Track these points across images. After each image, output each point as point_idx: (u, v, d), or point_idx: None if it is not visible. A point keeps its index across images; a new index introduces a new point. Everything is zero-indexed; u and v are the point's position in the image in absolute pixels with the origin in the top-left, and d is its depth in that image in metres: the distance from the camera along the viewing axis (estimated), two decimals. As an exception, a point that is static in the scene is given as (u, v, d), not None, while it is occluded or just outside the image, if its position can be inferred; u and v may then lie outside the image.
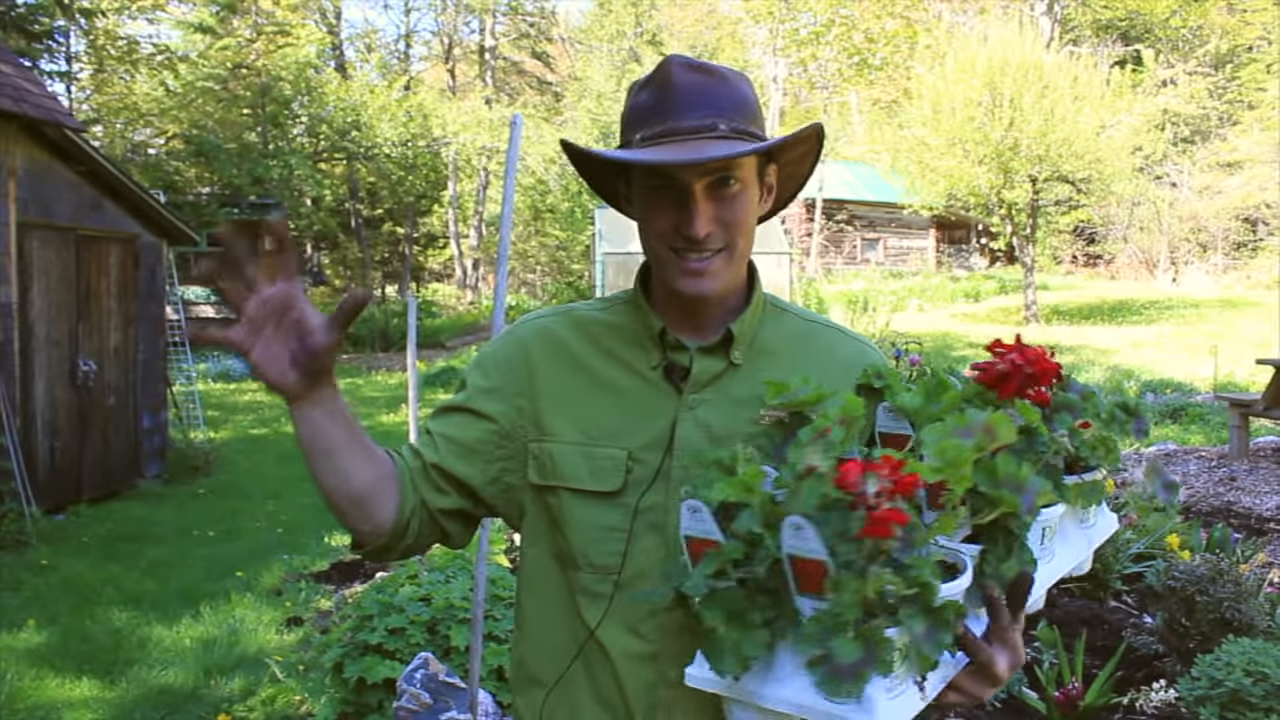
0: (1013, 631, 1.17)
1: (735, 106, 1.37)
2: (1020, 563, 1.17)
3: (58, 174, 8.55)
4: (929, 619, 1.03)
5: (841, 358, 1.48)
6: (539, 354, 1.48)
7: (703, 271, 1.36)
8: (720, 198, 1.35)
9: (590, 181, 1.54)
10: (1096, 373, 15.44)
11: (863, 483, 1.02)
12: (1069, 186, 24.27)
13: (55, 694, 4.92)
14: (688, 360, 1.42)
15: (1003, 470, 1.14)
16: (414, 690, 3.43)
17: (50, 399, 8.53)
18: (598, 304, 1.54)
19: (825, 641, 1.01)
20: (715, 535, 1.12)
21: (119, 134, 21.92)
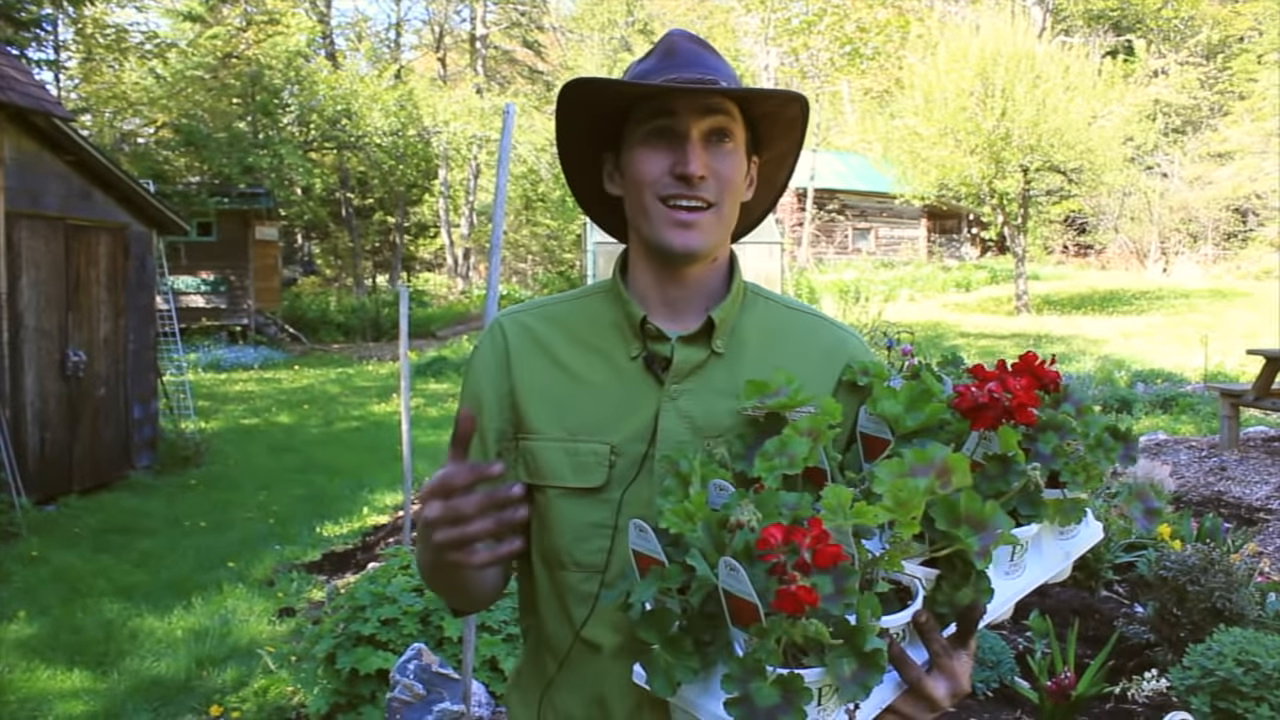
0: (951, 659, 1.17)
1: (731, 76, 1.40)
2: (975, 592, 1.17)
3: (46, 163, 8.50)
4: (858, 661, 1.04)
5: (822, 346, 1.47)
6: (517, 350, 1.46)
7: (692, 223, 1.35)
8: (715, 150, 1.35)
9: (569, 164, 1.51)
10: (1087, 363, 15.46)
11: (782, 552, 1.02)
12: (1060, 176, 24.30)
13: (46, 685, 4.91)
14: (668, 350, 1.40)
15: (965, 507, 1.13)
16: (407, 681, 3.43)
17: (40, 390, 8.49)
18: (575, 295, 1.52)
19: (745, 684, 1.03)
20: (659, 555, 1.15)
21: (108, 123, 21.78)
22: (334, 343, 24.94)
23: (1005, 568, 1.28)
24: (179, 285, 21.78)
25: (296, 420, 13.64)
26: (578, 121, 1.44)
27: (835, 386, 1.44)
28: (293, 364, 20.20)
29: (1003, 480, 1.23)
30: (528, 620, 1.51)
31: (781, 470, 1.20)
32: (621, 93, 1.37)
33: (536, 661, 1.48)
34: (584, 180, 1.52)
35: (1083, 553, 1.40)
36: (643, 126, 1.36)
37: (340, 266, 34.57)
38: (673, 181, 1.34)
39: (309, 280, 34.06)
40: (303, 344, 23.80)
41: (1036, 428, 1.28)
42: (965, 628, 1.18)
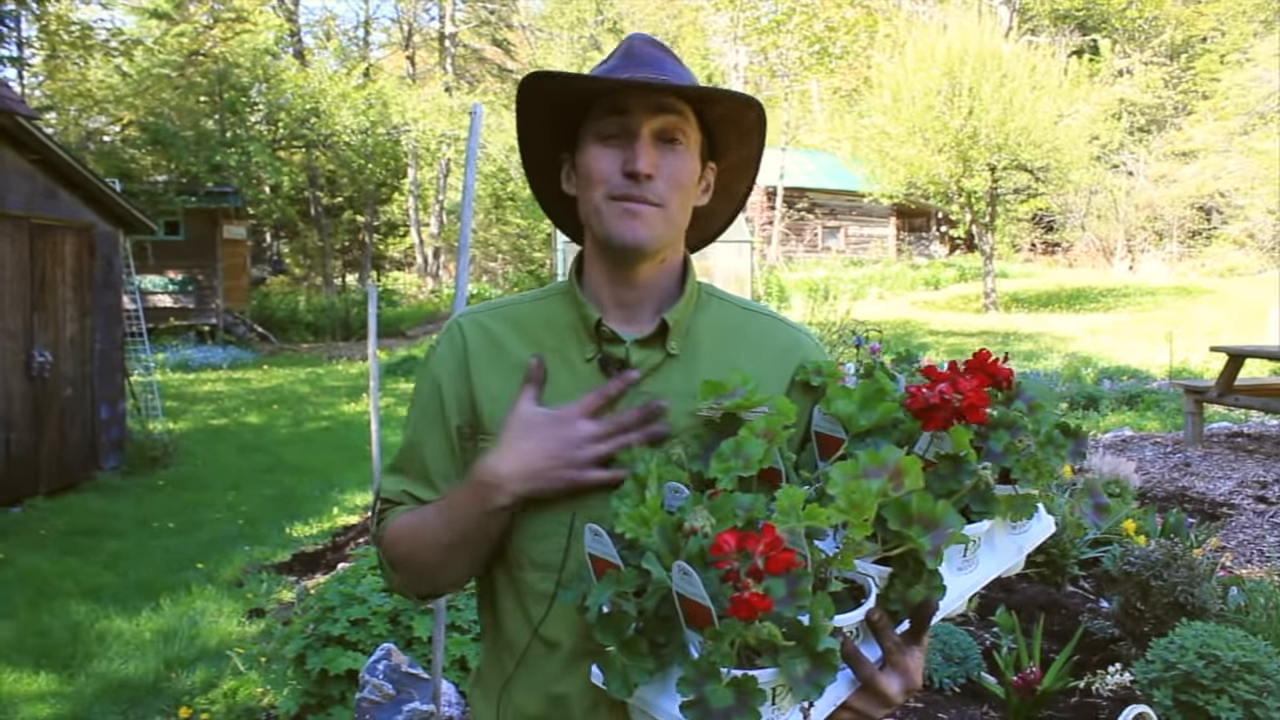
0: (904, 655, 1.20)
1: (689, 80, 1.43)
2: (928, 589, 1.20)
3: (10, 162, 8.42)
4: (811, 661, 1.07)
5: (776, 346, 1.49)
6: (475, 351, 1.48)
7: (639, 214, 1.37)
8: (666, 150, 1.38)
9: (529, 163, 1.54)
10: (1055, 360, 15.61)
11: (735, 559, 1.05)
12: (1027, 175, 24.50)
13: (12, 689, 4.86)
14: (624, 352, 1.42)
15: (917, 507, 1.16)
16: (376, 681, 3.43)
17: (5, 390, 8.41)
18: (533, 296, 1.54)
19: (700, 686, 1.05)
20: (614, 559, 1.17)
21: (73, 121, 21.56)
22: (303, 342, 24.81)
23: (958, 563, 1.30)
24: (146, 285, 21.58)
25: (266, 420, 13.56)
26: (537, 118, 1.47)
27: (789, 386, 1.46)
28: (262, 364, 20.08)
29: (954, 479, 1.26)
30: (486, 617, 1.53)
31: (737, 472, 1.22)
32: (577, 87, 1.40)
33: (495, 659, 1.49)
34: (544, 180, 1.54)
35: (1035, 545, 1.41)
36: (596, 124, 1.38)
37: (309, 265, 34.40)
38: (623, 180, 1.36)
39: (278, 279, 33.86)
40: (272, 343, 23.66)
41: (988, 425, 1.30)
42: (918, 624, 1.21)
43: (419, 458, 1.50)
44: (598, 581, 1.19)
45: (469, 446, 1.46)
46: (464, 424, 1.46)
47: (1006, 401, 1.39)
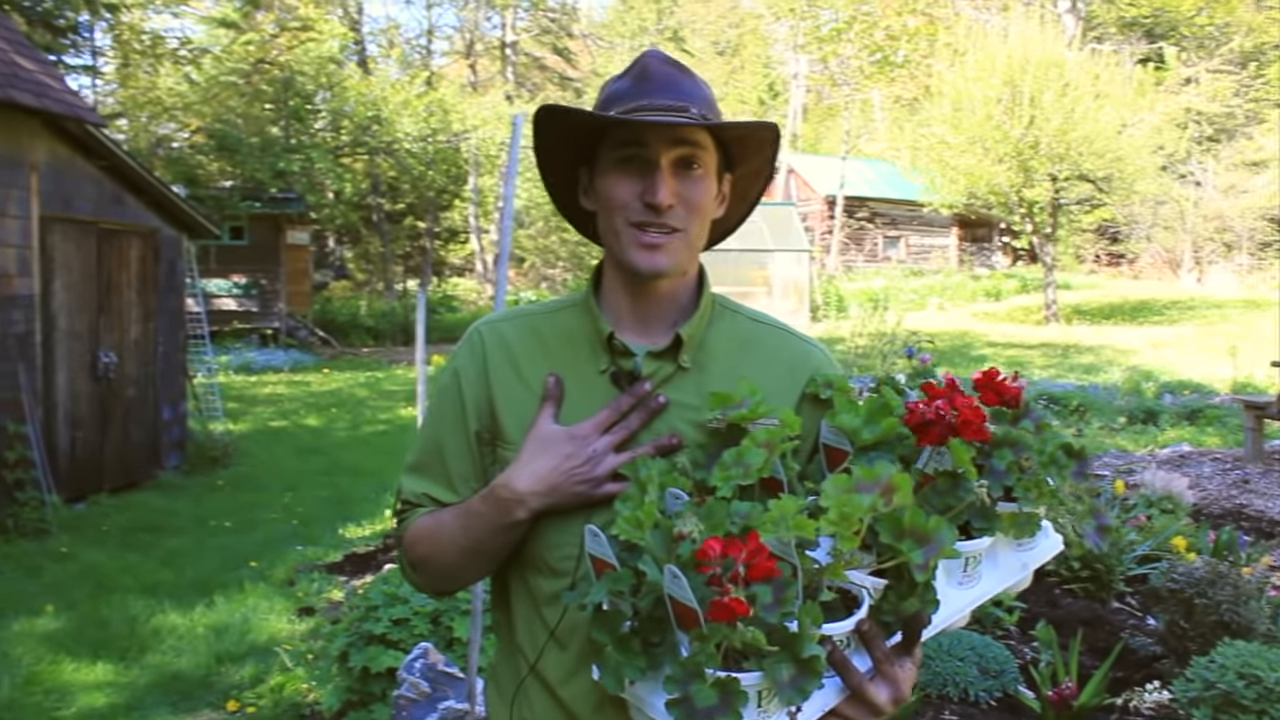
0: (893, 665, 1.23)
1: (704, 99, 1.45)
2: (921, 602, 1.23)
3: (79, 168, 8.67)
4: (796, 667, 1.10)
5: (786, 359, 1.53)
6: (494, 359, 1.52)
7: (659, 246, 1.41)
8: (684, 177, 1.41)
9: (548, 177, 1.58)
10: (1115, 373, 15.39)
11: (718, 564, 1.09)
12: (1090, 185, 24.15)
13: (71, 678, 5.02)
14: (634, 365, 1.46)
15: (909, 522, 1.19)
16: (413, 679, 3.50)
17: (71, 390, 8.65)
18: (551, 306, 1.58)
19: (686, 685, 1.09)
20: (611, 559, 1.22)
21: (144, 128, 22.07)
22: (364, 346, 25.14)
23: (959, 578, 1.33)
24: (211, 288, 22.02)
25: (324, 423, 13.78)
26: (554, 142, 1.50)
27: (799, 398, 1.49)
28: (322, 367, 20.39)
29: (952, 495, 1.28)
30: (500, 616, 1.58)
31: (737, 480, 1.25)
32: (592, 122, 1.44)
33: (510, 658, 1.54)
34: (564, 193, 1.58)
35: (1041, 563, 1.42)
36: (614, 152, 1.42)
37: (371, 271, 34.82)
38: (642, 209, 1.40)
39: (340, 284, 34.34)
40: (333, 347, 24.01)
41: (992, 444, 1.32)
42: (909, 636, 1.24)
43: (440, 461, 1.55)
44: (596, 581, 1.24)
45: (487, 452, 1.51)
46: (483, 429, 1.51)
47: (1014, 420, 1.41)
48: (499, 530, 1.42)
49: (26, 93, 7.63)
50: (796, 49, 35.63)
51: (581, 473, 1.38)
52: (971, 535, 1.30)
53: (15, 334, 7.84)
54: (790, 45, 35.68)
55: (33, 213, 8.03)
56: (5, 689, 4.85)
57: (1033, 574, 1.44)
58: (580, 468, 1.38)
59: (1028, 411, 1.42)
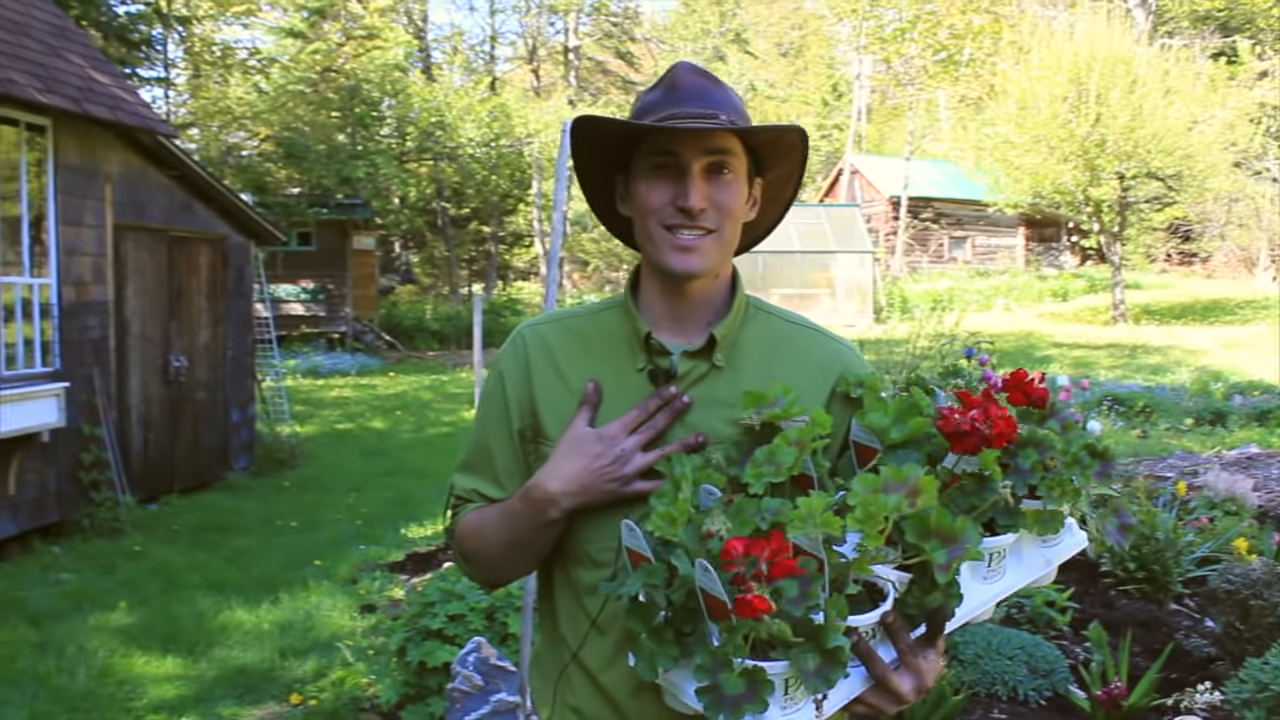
0: (917, 657, 1.28)
1: (733, 107, 1.51)
2: (945, 596, 1.27)
3: (151, 178, 8.93)
4: (821, 657, 1.15)
5: (817, 359, 1.58)
6: (536, 360, 1.60)
7: (692, 248, 1.47)
8: (715, 181, 1.47)
9: (586, 184, 1.65)
10: (1183, 374, 15.14)
11: (741, 563, 1.14)
12: (1159, 183, 23.71)
13: (142, 670, 5.21)
14: (670, 364, 1.52)
15: (936, 522, 1.24)
16: (467, 673, 3.60)
17: (144, 393, 8.92)
18: (592, 309, 1.66)
19: (715, 674, 1.16)
20: (647, 552, 1.28)
21: (214, 137, 22.57)
22: (429, 350, 25.44)
23: (983, 573, 1.37)
24: (280, 293, 22.44)
25: (389, 425, 14.01)
26: (590, 151, 1.58)
27: (829, 397, 1.54)
28: (388, 370, 20.70)
29: (978, 496, 1.32)
30: (544, 607, 1.66)
31: (769, 478, 1.31)
32: (626, 131, 1.51)
33: (553, 646, 1.62)
34: (601, 200, 1.65)
35: (1065, 559, 1.47)
36: (648, 159, 1.49)
37: (436, 275, 35.23)
38: (675, 212, 1.47)
39: (406, 289, 34.78)
40: (398, 351, 24.33)
41: (1017, 443, 1.36)
42: (933, 629, 1.29)
43: (487, 459, 1.63)
44: (632, 573, 1.30)
45: (530, 449, 1.59)
46: (525, 428, 1.59)
47: (1040, 420, 1.46)
48: (536, 528, 1.49)
49: (102, 106, 7.88)
50: (859, 50, 35.40)
51: (610, 472, 1.44)
52: (996, 531, 1.35)
53: (91, 339, 8.09)
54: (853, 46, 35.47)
55: (107, 222, 8.30)
56: (81, 680, 5.04)
57: (1056, 569, 1.48)
58: (609, 467, 1.44)
59: (1054, 411, 1.46)
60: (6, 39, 7.39)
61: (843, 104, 46.57)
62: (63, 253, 7.78)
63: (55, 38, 8.16)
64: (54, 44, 8.04)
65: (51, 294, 7.67)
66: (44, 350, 7.60)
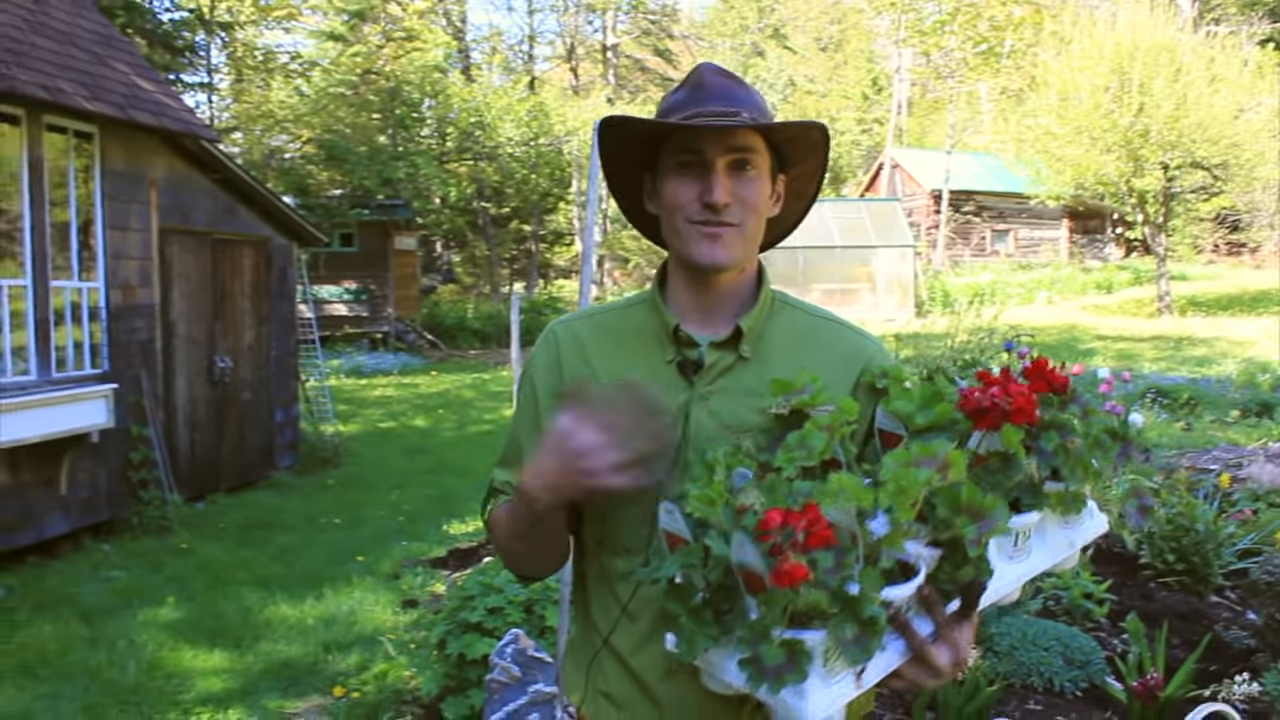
0: (953, 630, 1.30)
1: (756, 106, 1.55)
2: (976, 570, 1.30)
3: (195, 182, 9.09)
4: (858, 626, 1.18)
5: (842, 351, 1.62)
6: (567, 355, 1.66)
7: (718, 238, 1.52)
8: (739, 178, 1.52)
9: (614, 184, 1.71)
10: (1229, 365, 14.94)
11: (778, 533, 1.17)
12: (1205, 173, 23.39)
13: (190, 663, 5.32)
14: (698, 354, 1.57)
15: (966, 498, 1.27)
16: (504, 664, 3.66)
17: (190, 394, 9.07)
18: (620, 304, 1.71)
19: (755, 645, 1.18)
20: (685, 534, 1.31)
21: (257, 140, 22.85)
22: (470, 349, 25.59)
23: (1009, 552, 1.41)
24: (323, 294, 22.69)
25: (431, 424, 14.14)
26: (619, 151, 1.63)
27: (854, 387, 1.58)
28: (430, 369, 20.86)
29: (1004, 474, 1.36)
30: (578, 595, 1.71)
31: (800, 461, 1.35)
32: (652, 130, 1.56)
33: (586, 633, 1.67)
34: (629, 199, 1.71)
35: (1087, 540, 1.52)
36: (673, 157, 1.54)
37: (478, 274, 35.45)
38: (701, 208, 1.51)
39: (448, 288, 35.02)
40: (440, 350, 24.50)
41: (1039, 426, 1.40)
42: (968, 602, 1.31)
43: (518, 451, 1.69)
44: (669, 555, 1.33)
45: None
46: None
47: (1062, 406, 1.49)
48: (532, 522, 1.51)
49: (146, 113, 8.03)
50: (898, 43, 35.21)
51: (576, 467, 1.42)
52: (1021, 511, 1.38)
53: (138, 341, 8.25)
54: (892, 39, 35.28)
55: (152, 225, 8.45)
56: (131, 673, 5.16)
57: (1079, 551, 1.52)
58: (574, 463, 1.42)
59: (1075, 398, 1.49)
60: (55, 49, 7.55)
61: (883, 98, 46.33)
62: (110, 257, 7.94)
63: (102, 46, 8.32)
64: (100, 53, 8.20)
65: (100, 297, 7.84)
66: (93, 353, 7.77)
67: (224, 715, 4.74)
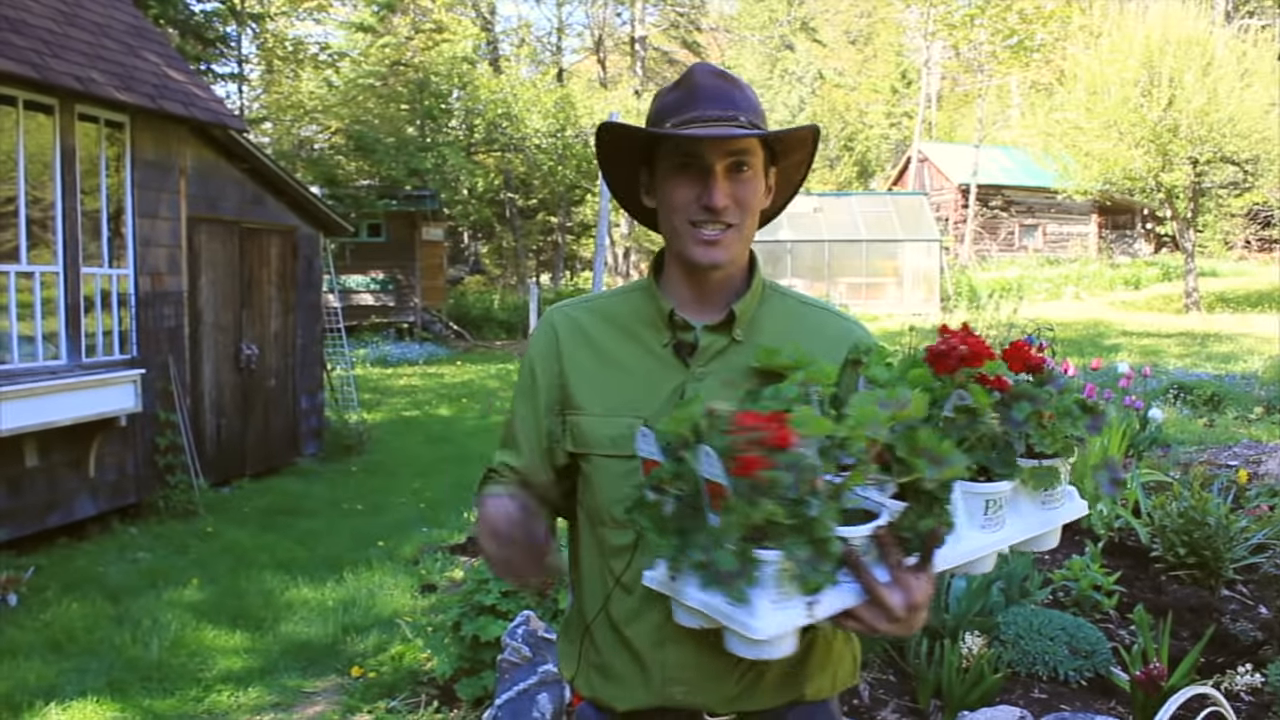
0: (910, 576, 1.34)
1: (751, 107, 1.61)
2: (937, 521, 1.36)
3: (224, 172, 9.22)
4: (812, 547, 1.23)
5: (829, 334, 1.69)
6: (565, 338, 1.73)
7: (716, 241, 1.59)
8: (736, 179, 1.58)
9: (611, 179, 1.78)
10: (1255, 362, 14.86)
11: (742, 431, 1.23)
12: (1235, 168, 23.19)
13: (212, 643, 5.44)
14: (693, 338, 1.64)
15: (924, 441, 1.33)
16: (515, 644, 3.74)
17: (216, 380, 9.21)
18: (618, 291, 1.79)
19: (709, 551, 1.24)
20: (658, 457, 1.37)
21: (287, 130, 23.01)
22: (496, 340, 25.71)
23: (980, 520, 1.46)
24: (350, 284, 22.86)
25: (455, 413, 14.25)
26: (616, 146, 1.71)
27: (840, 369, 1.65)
28: (456, 359, 20.99)
29: (968, 428, 1.43)
30: (573, 574, 1.79)
31: (774, 409, 1.42)
32: (651, 137, 1.62)
33: (580, 607, 1.75)
34: (626, 192, 1.78)
35: (1066, 522, 1.57)
36: (672, 159, 1.60)
37: (505, 265, 35.59)
38: (699, 210, 1.58)
39: (475, 279, 35.16)
40: (466, 341, 24.63)
41: (1011, 395, 1.46)
42: (926, 553, 1.35)
43: (513, 430, 1.78)
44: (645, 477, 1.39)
45: (557, 421, 1.72)
46: (554, 401, 1.72)
47: (1038, 384, 1.56)
48: None
49: (176, 103, 8.16)
50: (927, 36, 35.03)
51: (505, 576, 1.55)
52: (993, 480, 1.44)
53: (166, 328, 8.39)
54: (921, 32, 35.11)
55: (181, 214, 8.58)
56: (155, 651, 5.28)
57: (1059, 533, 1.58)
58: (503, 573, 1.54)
59: (1051, 379, 1.55)
60: (88, 40, 7.68)
61: (912, 91, 46.13)
62: (140, 244, 8.07)
63: (133, 37, 8.45)
64: (132, 44, 8.33)
65: (129, 284, 7.97)
66: (122, 339, 7.91)
67: (244, 693, 4.85)
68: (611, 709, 1.67)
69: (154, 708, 4.68)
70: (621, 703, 1.65)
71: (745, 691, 1.59)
